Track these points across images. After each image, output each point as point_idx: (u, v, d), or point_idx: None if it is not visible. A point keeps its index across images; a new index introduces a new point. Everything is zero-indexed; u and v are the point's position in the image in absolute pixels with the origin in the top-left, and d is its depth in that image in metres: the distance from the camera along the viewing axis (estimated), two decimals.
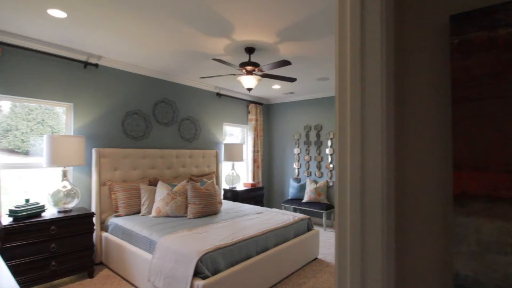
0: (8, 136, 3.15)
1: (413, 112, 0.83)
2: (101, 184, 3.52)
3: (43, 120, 3.40)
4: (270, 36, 2.88)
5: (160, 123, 4.36)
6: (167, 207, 3.46)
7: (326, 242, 4.46)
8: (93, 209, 3.46)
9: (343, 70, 0.83)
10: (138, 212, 3.62)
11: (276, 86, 5.09)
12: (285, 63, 2.81)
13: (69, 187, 3.14)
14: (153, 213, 3.46)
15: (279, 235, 3.14)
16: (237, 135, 6.15)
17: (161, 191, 3.57)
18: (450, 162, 0.81)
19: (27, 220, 2.71)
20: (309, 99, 5.82)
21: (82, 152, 3.18)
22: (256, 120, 6.00)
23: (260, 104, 6.13)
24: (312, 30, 2.72)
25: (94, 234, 3.44)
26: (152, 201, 3.62)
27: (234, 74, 3.28)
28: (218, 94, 5.27)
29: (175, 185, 3.75)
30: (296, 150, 5.98)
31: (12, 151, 3.20)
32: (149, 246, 2.79)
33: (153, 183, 3.96)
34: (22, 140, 3.26)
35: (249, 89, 3.27)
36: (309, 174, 5.78)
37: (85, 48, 3.33)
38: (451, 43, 0.77)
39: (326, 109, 5.57)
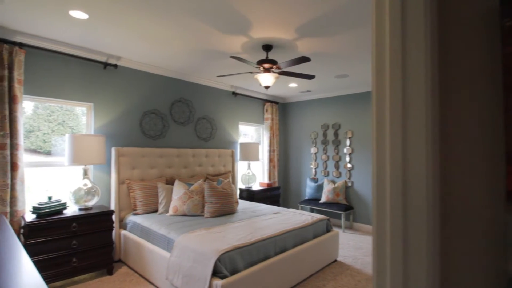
0: (31, 136, 3.25)
1: (459, 102, 0.75)
2: (120, 182, 3.57)
3: (63, 121, 3.48)
4: (288, 32, 2.81)
5: (176, 122, 4.38)
6: (184, 206, 3.46)
7: (345, 244, 4.34)
8: (112, 207, 3.51)
9: (382, 63, 0.76)
10: (156, 211, 3.64)
11: (293, 84, 5.01)
12: (304, 59, 2.74)
13: (89, 185, 3.19)
14: (170, 211, 3.47)
15: (297, 236, 3.07)
16: (251, 135, 6.10)
17: (178, 190, 3.58)
18: (502, 156, 0.73)
19: (49, 217, 2.76)
20: (326, 97, 5.70)
21: (102, 151, 3.23)
22: (272, 119, 5.94)
23: (276, 103, 6.06)
24: (331, 25, 2.64)
25: (114, 231, 3.48)
26: (169, 199, 3.63)
27: (251, 72, 3.23)
28: (234, 93, 5.25)
29: (192, 184, 3.75)
30: (313, 150, 5.88)
31: (34, 151, 3.29)
32: (167, 244, 2.78)
33: (170, 182, 3.98)
34: (44, 140, 3.35)
35: (267, 87, 3.22)
36: (327, 174, 5.66)
37: (105, 49, 3.38)
38: (502, 27, 0.69)
39: (344, 107, 5.44)
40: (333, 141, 5.56)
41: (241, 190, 5.19)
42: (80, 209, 3.10)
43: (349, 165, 5.33)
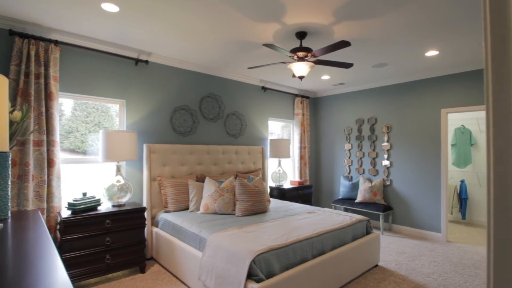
0: (70, 137, 3.32)
1: None
2: (151, 179, 3.54)
3: (99, 122, 3.53)
4: (325, 16, 2.58)
5: (206, 118, 4.30)
6: (215, 204, 3.35)
7: (385, 247, 4.01)
8: (145, 204, 3.50)
9: (502, 36, 0.55)
10: (187, 208, 3.58)
11: (326, 76, 4.74)
12: (343, 44, 2.50)
13: (122, 181, 3.18)
14: (201, 209, 3.38)
15: (336, 238, 2.84)
16: (277, 133, 5.88)
17: (209, 187, 3.48)
18: None
19: (84, 213, 2.77)
20: (361, 90, 5.35)
21: (134, 147, 3.21)
22: (303, 114, 5.70)
23: (307, 97, 5.81)
24: (376, 4, 2.37)
25: (146, 229, 3.46)
26: (200, 197, 3.55)
27: (284, 62, 3.04)
28: (263, 88, 5.08)
29: (222, 182, 3.64)
30: (347, 146, 5.56)
31: (73, 151, 3.36)
32: (199, 243, 2.68)
33: (200, 179, 3.90)
34: (82, 140, 3.42)
35: (301, 77, 3.01)
36: (362, 172, 5.32)
37: (136, 44, 3.36)
38: None
39: (381, 100, 5.06)
40: (369, 136, 5.21)
41: (271, 188, 5.01)
42: (114, 206, 3.10)
43: (387, 162, 4.95)
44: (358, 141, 5.38)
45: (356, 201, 4.97)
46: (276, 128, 5.87)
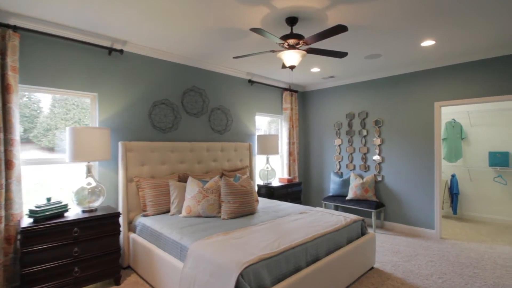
0: (48, 135, 3.08)
1: None
2: (128, 180, 3.22)
3: (79, 119, 3.23)
4: None
5: (189, 113, 3.98)
6: (199, 206, 3.07)
7: (379, 246, 3.85)
8: (120, 208, 3.17)
9: None
10: (167, 211, 3.28)
11: (316, 69, 4.50)
12: (340, 29, 2.25)
13: (94, 184, 2.84)
14: (183, 212, 3.09)
15: (330, 241, 2.62)
16: (264, 129, 5.62)
17: (192, 188, 3.19)
18: None
19: (48, 221, 2.43)
20: (352, 83, 5.15)
21: (107, 145, 2.87)
22: (292, 109, 5.46)
23: (296, 91, 5.57)
24: None
25: (121, 235, 3.14)
26: (182, 199, 3.25)
27: (273, 51, 2.77)
28: (250, 81, 4.80)
29: (207, 181, 3.36)
30: (337, 141, 5.37)
31: (52, 150, 3.08)
32: (180, 252, 2.40)
33: (182, 179, 3.60)
34: (61, 139, 3.11)
35: (292, 67, 2.75)
36: (353, 168, 5.15)
37: (109, 32, 3.00)
38: None
39: (372, 93, 4.88)
40: (360, 131, 5.03)
41: (259, 186, 4.77)
42: (84, 211, 2.76)
43: (378, 158, 4.79)
44: (349, 136, 5.20)
45: (347, 198, 4.79)
46: (263, 124, 5.60)
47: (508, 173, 4.90)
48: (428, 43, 3.37)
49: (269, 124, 5.69)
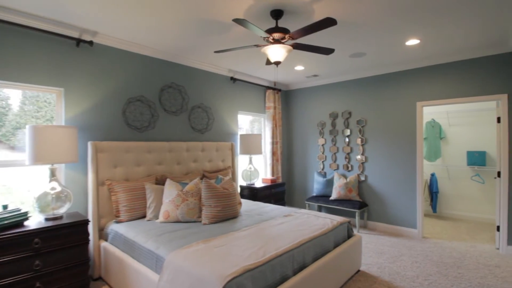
0: (18, 134, 2.84)
1: None
2: (99, 184, 2.94)
3: (52, 117, 2.98)
4: None
5: (167, 111, 3.74)
6: (177, 211, 2.86)
7: (364, 247, 3.80)
8: (90, 214, 2.89)
9: None
10: (143, 216, 3.04)
11: (300, 67, 4.39)
12: (328, 22, 2.12)
13: (59, 188, 2.56)
14: (161, 217, 2.87)
15: (317, 246, 2.50)
16: (246, 128, 5.45)
17: (170, 191, 2.97)
18: None
19: (3, 232, 2.14)
20: (335, 83, 5.10)
21: (74, 146, 2.60)
22: (275, 108, 5.33)
23: (279, 90, 5.44)
24: None
25: (91, 244, 2.87)
26: (159, 203, 3.02)
27: (257, 46, 2.61)
28: (232, 79, 4.61)
29: (187, 184, 3.15)
30: (320, 141, 5.30)
31: (22, 149, 2.78)
32: (156, 262, 2.19)
33: (160, 181, 3.37)
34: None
35: (277, 63, 2.60)
36: (336, 168, 5.10)
37: (76, 21, 2.72)
38: None
39: (356, 93, 4.84)
40: (343, 131, 4.98)
41: (242, 187, 4.60)
42: (47, 219, 2.48)
43: (361, 157, 4.76)
44: (332, 136, 5.14)
45: (331, 198, 4.73)
46: (245, 123, 5.43)
47: (485, 172, 5.04)
48: (413, 42, 3.33)
49: (251, 124, 5.52)
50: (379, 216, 4.61)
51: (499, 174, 3.65)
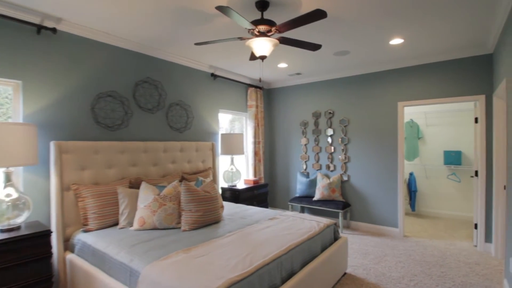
0: None
1: None
2: (63, 188, 2.64)
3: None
4: None
5: (142, 108, 3.47)
6: (154, 217, 2.62)
7: (348, 248, 3.74)
8: (53, 223, 2.58)
9: None
10: (115, 224, 2.77)
11: (283, 64, 4.27)
12: (318, 14, 1.99)
13: (15, 195, 2.25)
14: (135, 225, 2.62)
15: (305, 251, 2.38)
16: (225, 127, 5.23)
17: (146, 195, 2.73)
18: None
19: None
20: (318, 81, 5.03)
21: (33, 146, 2.29)
22: (257, 106, 5.18)
23: (261, 88, 5.29)
24: None
25: (55, 257, 2.56)
26: (133, 208, 2.76)
27: (241, 38, 2.44)
28: (213, 75, 4.40)
29: (164, 187, 2.91)
30: (303, 141, 5.22)
31: None
32: (129, 277, 1.96)
33: (134, 184, 3.10)
34: None
35: (263, 58, 2.44)
36: (319, 168, 5.04)
37: (37, 5, 2.40)
38: None
39: (339, 92, 4.81)
40: (326, 130, 4.93)
41: (223, 189, 4.40)
42: (3, 231, 2.16)
43: (344, 157, 4.73)
44: (315, 135, 5.08)
45: (315, 199, 4.66)
46: (224, 122, 5.22)
47: (461, 171, 5.19)
48: (397, 41, 3.31)
49: (231, 123, 5.29)
50: (362, 216, 4.60)
51: (476, 173, 3.73)
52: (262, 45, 2.35)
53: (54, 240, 2.57)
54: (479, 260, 3.30)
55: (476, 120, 3.74)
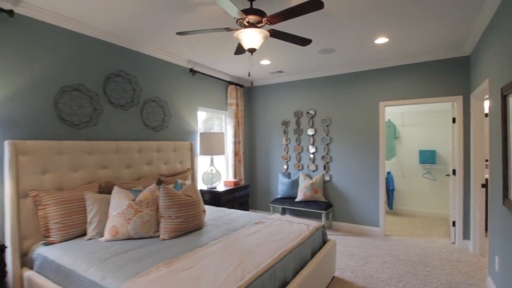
0: None
1: None
2: (20, 195, 2.27)
3: None
4: None
5: (114, 104, 3.14)
6: (129, 226, 2.34)
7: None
8: (7, 236, 2.21)
9: None
10: (83, 235, 2.45)
11: (266, 61, 4.12)
12: (315, 4, 1.85)
13: None
14: (107, 235, 2.32)
15: (297, 257, 2.23)
16: (199, 127, 4.80)
17: (119, 201, 2.44)
18: None
19: None
20: (300, 80, 4.94)
21: None
22: (237, 104, 4.99)
23: (241, 86, 5.10)
24: None
25: (10, 275, 2.20)
26: (104, 216, 2.46)
27: (229, 29, 2.24)
28: (192, 71, 4.15)
29: (139, 191, 2.63)
30: (284, 140, 5.11)
31: None
32: None
33: (105, 189, 2.78)
34: None
35: (252, 51, 2.26)
36: (301, 168, 4.95)
37: None
38: None
39: (321, 91, 4.75)
40: (308, 130, 4.86)
41: (202, 192, 4.16)
42: None
43: (326, 157, 4.69)
44: (297, 135, 4.99)
45: (297, 200, 4.56)
46: (199, 119, 4.81)
47: (436, 170, 5.37)
48: (382, 40, 3.29)
49: (204, 123, 4.85)
50: (343, 216, 4.58)
51: (454, 172, 3.83)
52: (252, 37, 2.17)
53: (9, 255, 2.20)
54: (459, 258, 3.37)
55: (453, 120, 3.84)
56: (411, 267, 3.12)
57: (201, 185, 4.41)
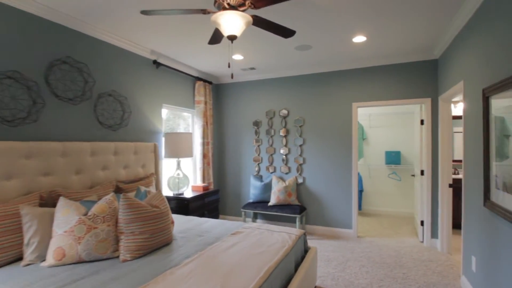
0: None
1: None
2: None
3: None
4: None
5: (60, 97, 2.61)
6: (80, 246, 1.90)
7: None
8: None
9: None
10: (18, 259, 1.94)
11: (238, 56, 3.84)
12: None
13: None
14: (50, 259, 1.86)
15: (283, 271, 2.00)
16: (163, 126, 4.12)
17: (66, 216, 1.98)
18: None
19: None
20: (274, 78, 4.75)
21: None
22: (206, 102, 4.63)
23: (210, 82, 4.76)
24: None
25: None
26: (46, 236, 1.98)
27: (205, 12, 1.93)
28: (156, 63, 3.71)
29: (94, 203, 2.19)
30: (255, 141, 4.87)
31: None
32: None
33: (48, 201, 2.28)
34: None
35: (232, 38, 1.97)
36: (273, 170, 4.76)
37: None
38: None
39: (294, 91, 4.60)
40: (281, 130, 4.68)
41: (168, 199, 3.74)
42: None
43: (299, 159, 4.55)
44: (269, 136, 4.79)
45: (270, 204, 4.35)
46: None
47: (400, 170, 5.55)
48: (360, 39, 3.22)
49: (165, 123, 4.33)
50: (317, 219, 4.48)
51: (422, 172, 3.92)
52: (233, 22, 1.88)
53: None
54: (430, 257, 3.43)
55: (422, 122, 3.94)
56: (388, 270, 3.08)
57: (167, 191, 3.98)
